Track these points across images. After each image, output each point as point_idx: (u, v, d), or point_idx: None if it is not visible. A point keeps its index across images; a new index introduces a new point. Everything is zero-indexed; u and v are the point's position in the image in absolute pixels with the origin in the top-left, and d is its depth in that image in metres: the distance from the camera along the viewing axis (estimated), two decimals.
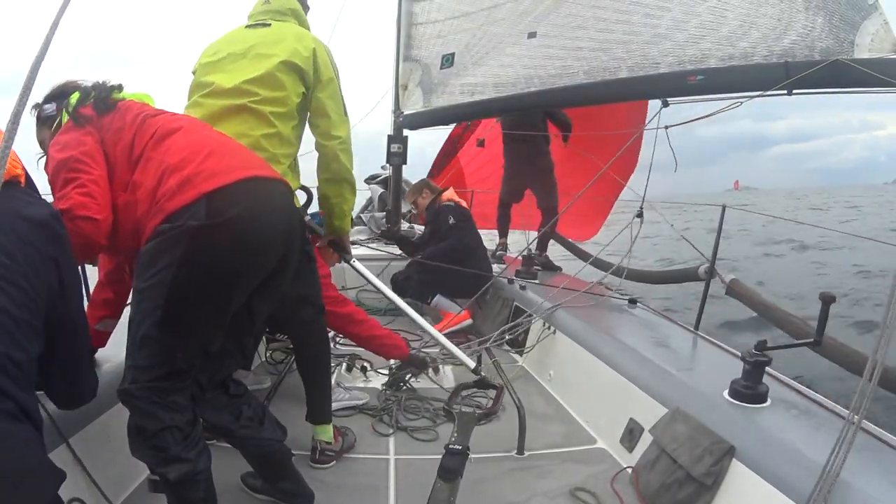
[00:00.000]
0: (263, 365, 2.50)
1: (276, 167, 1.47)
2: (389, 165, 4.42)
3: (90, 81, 1.30)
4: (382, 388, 2.27)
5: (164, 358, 1.13)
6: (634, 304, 2.69)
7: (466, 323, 3.19)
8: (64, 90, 1.27)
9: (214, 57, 1.65)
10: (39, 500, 0.77)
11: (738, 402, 1.49)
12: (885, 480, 1.14)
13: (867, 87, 1.99)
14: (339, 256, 2.01)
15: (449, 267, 3.15)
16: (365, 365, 2.48)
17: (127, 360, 1.15)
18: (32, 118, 1.31)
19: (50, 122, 1.27)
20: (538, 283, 3.18)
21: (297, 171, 1.78)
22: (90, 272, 1.50)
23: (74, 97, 1.25)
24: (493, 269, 3.37)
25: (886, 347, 1.06)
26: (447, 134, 5.65)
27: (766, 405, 1.48)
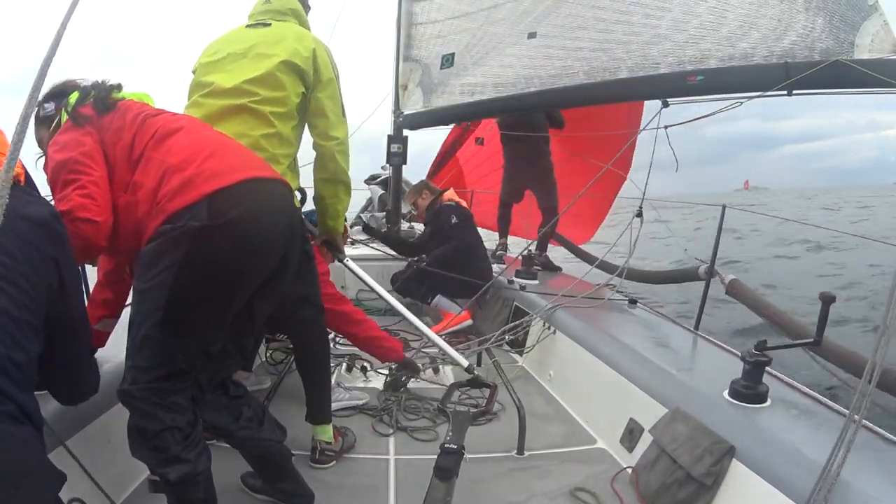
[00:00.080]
0: (263, 365, 2.49)
1: (275, 167, 1.47)
2: (389, 165, 4.42)
3: (89, 81, 1.29)
4: (382, 389, 2.27)
5: (164, 359, 1.13)
6: (634, 304, 2.69)
7: (467, 323, 3.19)
8: (63, 89, 1.26)
9: (214, 57, 1.65)
10: (40, 501, 0.77)
11: (738, 402, 1.49)
12: (885, 480, 1.14)
13: (867, 87, 2.00)
14: (332, 256, 2.01)
15: (447, 271, 3.16)
16: (365, 365, 2.48)
17: (127, 360, 1.15)
18: (32, 118, 1.31)
19: (49, 121, 1.26)
20: (538, 283, 3.18)
21: (296, 170, 1.78)
22: (90, 272, 1.50)
23: (74, 97, 1.23)
24: (493, 269, 3.37)
25: (886, 348, 1.06)
26: (446, 135, 5.64)
27: (766, 405, 1.48)
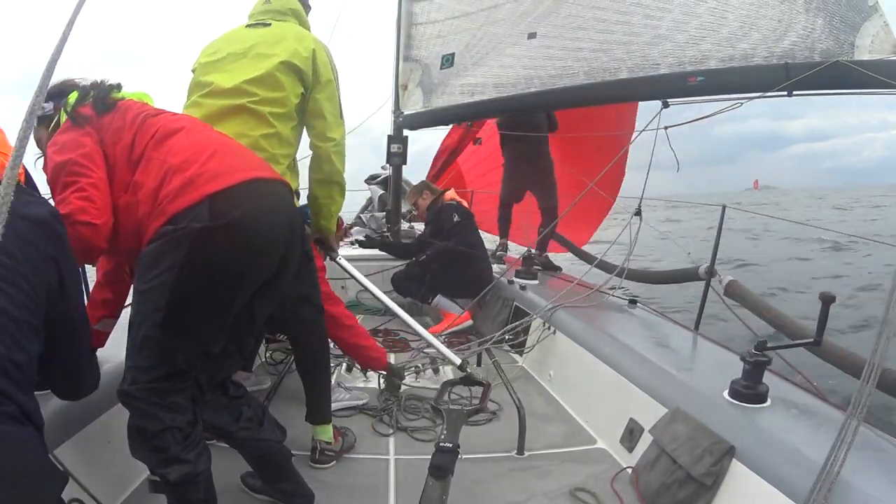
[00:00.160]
0: (263, 365, 2.49)
1: (275, 167, 1.47)
2: (389, 165, 4.42)
3: (88, 80, 1.28)
4: (380, 390, 2.26)
5: (164, 359, 1.13)
6: (634, 304, 2.69)
7: (467, 324, 3.19)
8: (62, 89, 1.25)
9: (214, 56, 1.65)
10: (41, 501, 0.77)
11: (738, 402, 1.49)
12: (885, 480, 1.14)
13: (868, 88, 2.00)
14: (324, 254, 2.00)
15: (448, 270, 3.15)
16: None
17: (127, 360, 1.15)
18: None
19: (47, 121, 1.26)
20: (538, 283, 3.18)
21: (296, 171, 1.78)
22: (89, 272, 1.50)
23: (73, 96, 1.23)
24: (493, 269, 3.37)
25: (886, 349, 1.06)
26: (445, 135, 5.63)
27: (766, 405, 1.48)
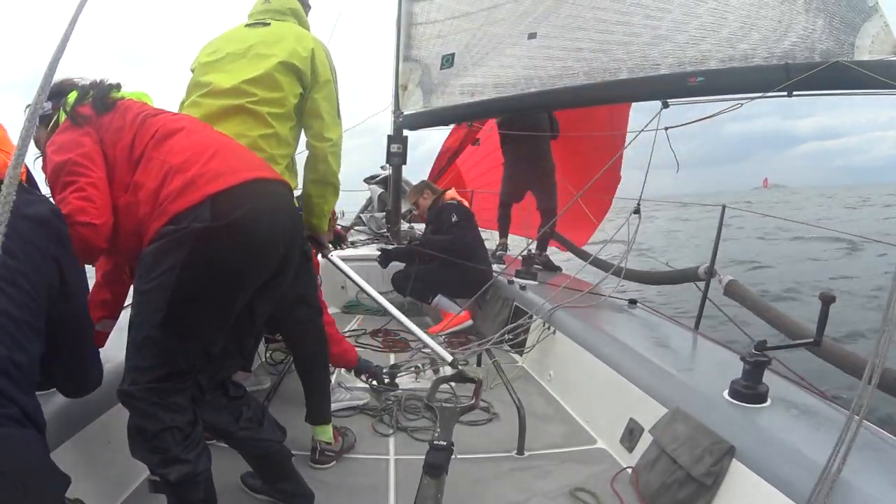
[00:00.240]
0: (263, 366, 2.49)
1: (273, 167, 1.46)
2: (389, 165, 4.42)
3: (87, 80, 1.27)
4: (377, 389, 2.26)
5: (164, 359, 1.12)
6: (634, 304, 2.69)
7: (467, 323, 3.19)
8: (61, 88, 1.24)
9: (213, 56, 1.64)
10: (43, 503, 0.77)
11: (738, 402, 1.49)
12: (885, 480, 1.14)
13: (868, 88, 2.00)
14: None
15: (446, 268, 3.15)
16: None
17: (127, 361, 1.15)
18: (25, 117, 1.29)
19: (46, 121, 1.25)
20: (538, 283, 3.18)
21: (294, 171, 1.77)
22: (89, 272, 1.50)
23: (72, 96, 1.22)
24: (493, 269, 3.37)
25: (886, 349, 1.06)
26: (447, 136, 5.64)
27: (766, 405, 1.48)
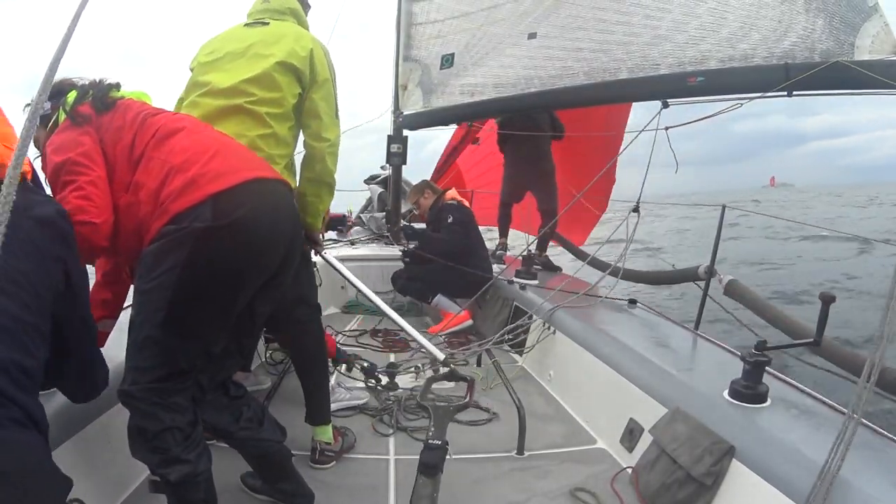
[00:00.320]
0: (263, 365, 2.49)
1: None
2: (389, 165, 4.42)
3: (87, 79, 1.27)
4: (379, 388, 2.26)
5: (165, 359, 1.12)
6: (634, 304, 2.69)
7: (467, 323, 3.19)
8: (60, 88, 1.24)
9: (212, 56, 1.64)
10: None
11: (738, 402, 1.49)
12: (885, 480, 1.14)
13: (868, 88, 2.00)
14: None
15: (441, 268, 3.16)
16: (365, 365, 2.48)
17: (127, 361, 1.15)
18: (24, 116, 1.29)
19: (45, 120, 1.25)
20: (538, 283, 3.18)
21: (292, 170, 1.77)
22: (89, 272, 1.50)
23: (71, 95, 1.22)
24: (493, 269, 3.37)
25: (884, 348, 1.06)
26: (450, 137, 5.65)
27: (765, 405, 1.48)
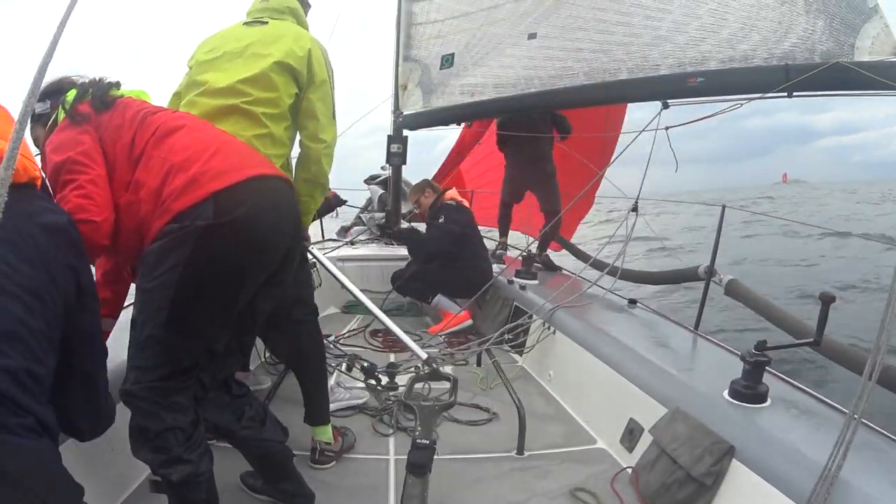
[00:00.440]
0: (263, 365, 2.49)
1: None
2: (389, 165, 4.42)
3: (87, 78, 1.27)
4: (379, 388, 2.27)
5: (167, 358, 1.12)
6: (634, 304, 2.69)
7: (467, 323, 3.19)
8: (59, 87, 1.24)
9: (210, 55, 1.63)
10: None
11: (738, 402, 1.50)
12: (885, 480, 1.14)
13: (868, 89, 2.01)
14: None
15: (437, 268, 3.15)
16: (365, 365, 2.48)
17: (129, 360, 1.15)
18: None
19: (45, 119, 1.25)
20: (538, 283, 3.18)
21: (289, 171, 1.77)
22: None
23: (71, 94, 1.22)
24: (493, 268, 3.37)
25: (885, 346, 1.06)
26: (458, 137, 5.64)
27: (765, 405, 1.48)
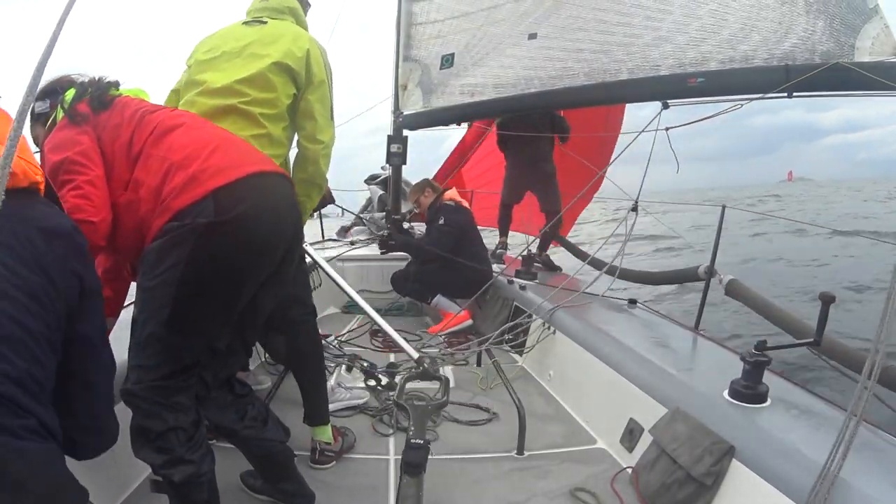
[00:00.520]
0: (263, 365, 2.49)
1: None
2: (389, 165, 4.41)
3: (86, 77, 1.27)
4: (379, 388, 2.27)
5: (168, 356, 1.12)
6: (634, 304, 2.69)
7: (466, 323, 3.19)
8: (58, 86, 1.24)
9: (209, 55, 1.63)
10: None
11: (737, 402, 1.50)
12: (885, 480, 1.14)
13: (868, 90, 2.01)
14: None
15: (435, 268, 3.15)
16: (365, 365, 2.48)
17: (130, 360, 1.14)
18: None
19: (44, 118, 1.24)
20: (538, 283, 3.18)
21: (288, 171, 1.77)
22: None
23: (70, 93, 1.22)
24: (493, 268, 3.37)
25: (884, 346, 1.06)
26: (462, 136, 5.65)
27: (765, 405, 1.48)
